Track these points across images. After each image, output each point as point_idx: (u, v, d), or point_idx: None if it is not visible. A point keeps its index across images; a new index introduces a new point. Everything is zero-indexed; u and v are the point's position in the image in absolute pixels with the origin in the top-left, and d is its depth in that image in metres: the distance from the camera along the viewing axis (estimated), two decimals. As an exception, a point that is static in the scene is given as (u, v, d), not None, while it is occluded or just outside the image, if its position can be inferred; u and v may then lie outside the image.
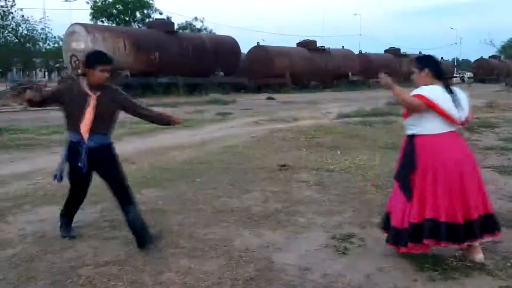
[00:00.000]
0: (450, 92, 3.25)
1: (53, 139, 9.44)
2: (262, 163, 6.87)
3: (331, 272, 3.17)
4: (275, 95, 25.52)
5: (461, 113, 3.23)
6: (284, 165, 6.54)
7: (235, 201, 4.88)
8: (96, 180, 5.70)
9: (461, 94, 3.32)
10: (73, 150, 3.60)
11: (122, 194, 3.68)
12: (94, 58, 3.60)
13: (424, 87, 3.26)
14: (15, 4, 36.62)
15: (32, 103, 3.63)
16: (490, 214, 3.32)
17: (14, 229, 4.01)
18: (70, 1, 47.76)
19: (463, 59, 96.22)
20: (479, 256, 3.32)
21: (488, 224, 3.28)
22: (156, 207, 4.64)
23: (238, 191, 5.27)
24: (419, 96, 3.19)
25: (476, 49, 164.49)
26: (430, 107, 3.17)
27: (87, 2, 41.50)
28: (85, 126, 3.52)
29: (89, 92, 3.52)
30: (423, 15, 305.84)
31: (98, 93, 3.53)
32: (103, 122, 3.60)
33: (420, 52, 55.11)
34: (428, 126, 3.22)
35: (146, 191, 5.27)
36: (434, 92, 3.20)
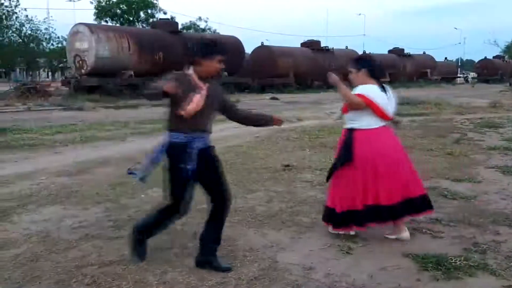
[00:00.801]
0: (384, 90, 3.64)
1: (57, 139, 9.50)
2: (266, 163, 6.87)
3: (334, 272, 3.17)
4: (278, 95, 25.52)
5: (392, 109, 3.67)
6: (288, 165, 6.55)
7: (239, 201, 4.88)
8: (98, 180, 5.76)
9: (391, 92, 3.73)
10: (178, 152, 3.08)
11: (220, 207, 3.25)
12: (214, 47, 3.12)
13: (363, 86, 3.60)
14: (19, 4, 36.68)
15: (160, 96, 2.93)
16: (425, 194, 3.78)
17: (19, 229, 4.03)
18: (74, 1, 47.80)
19: (467, 59, 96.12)
20: (406, 234, 3.73)
21: (424, 203, 3.75)
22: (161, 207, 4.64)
23: (242, 191, 5.27)
24: (360, 95, 3.54)
25: (480, 49, 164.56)
26: (369, 105, 3.53)
27: (91, 2, 41.58)
28: (201, 124, 3.11)
29: (201, 84, 3.07)
30: (427, 15, 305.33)
31: (208, 86, 3.09)
32: (209, 119, 3.17)
33: (424, 52, 55.08)
34: (365, 121, 3.59)
35: (150, 190, 5.28)
36: (372, 91, 3.57)
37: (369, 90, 3.57)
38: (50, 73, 62.07)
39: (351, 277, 3.09)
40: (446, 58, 62.72)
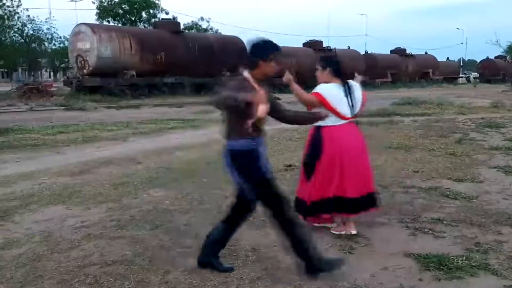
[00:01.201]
0: (348, 89, 3.77)
1: (59, 139, 9.52)
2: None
3: (336, 271, 3.16)
4: (281, 95, 25.45)
5: (352, 109, 3.78)
6: (290, 165, 6.55)
7: (241, 201, 4.88)
8: (101, 180, 5.77)
9: (357, 91, 3.84)
10: (249, 158, 2.95)
11: (244, 215, 3.22)
12: (273, 47, 3.03)
13: (323, 85, 3.78)
14: (21, 4, 36.76)
15: (242, 107, 2.69)
16: (374, 192, 3.99)
17: (21, 229, 4.04)
18: (76, 1, 47.79)
19: (469, 59, 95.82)
20: (354, 230, 3.90)
21: (374, 199, 3.95)
22: (163, 207, 4.66)
23: (243, 191, 5.27)
24: (315, 94, 3.73)
25: (482, 49, 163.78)
26: (322, 103, 3.68)
27: (93, 2, 41.62)
28: (262, 127, 3.01)
29: (259, 87, 2.94)
30: (429, 15, 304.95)
31: (265, 89, 2.97)
32: (263, 122, 3.03)
33: (426, 52, 55.03)
34: (331, 118, 3.67)
35: (152, 191, 5.30)
36: (329, 90, 3.73)
37: (326, 89, 3.75)
38: (52, 73, 62.20)
39: (353, 277, 3.09)
40: (448, 58, 62.67)
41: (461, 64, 73.64)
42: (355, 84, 3.88)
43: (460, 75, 64.76)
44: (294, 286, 2.98)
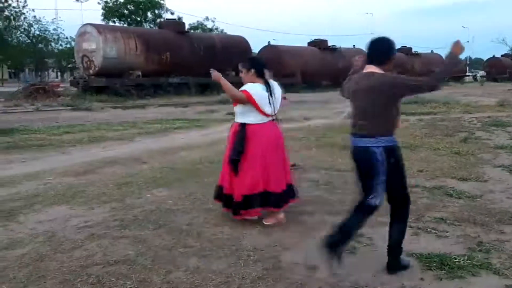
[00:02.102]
0: (269, 88, 4.07)
1: (64, 139, 9.58)
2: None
3: (338, 271, 3.16)
4: (286, 95, 25.43)
5: (272, 108, 4.09)
6: (294, 165, 6.52)
7: (244, 200, 4.89)
8: (105, 180, 5.80)
9: (278, 90, 4.17)
10: (395, 154, 3.04)
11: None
12: (392, 45, 3.12)
13: (250, 84, 4.04)
14: (26, 5, 37.04)
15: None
16: (292, 184, 4.31)
17: (25, 229, 4.07)
18: (81, 1, 47.99)
19: (475, 58, 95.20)
20: (282, 216, 4.18)
21: (294, 191, 4.29)
22: (166, 207, 4.68)
23: (246, 190, 5.28)
24: (243, 91, 3.99)
25: (489, 48, 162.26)
26: (249, 101, 3.95)
27: (99, 3, 41.83)
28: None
29: None
30: (435, 14, 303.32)
31: None
32: None
33: (432, 51, 54.73)
34: (254, 116, 4.02)
35: (156, 190, 5.32)
36: (255, 89, 4.01)
37: (253, 88, 4.02)
38: (59, 74, 62.56)
39: (355, 277, 3.09)
40: (454, 56, 62.16)
41: (468, 62, 73.19)
42: (275, 84, 4.18)
43: (467, 74, 64.35)
44: (296, 286, 2.98)
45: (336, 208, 4.59)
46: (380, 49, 3.09)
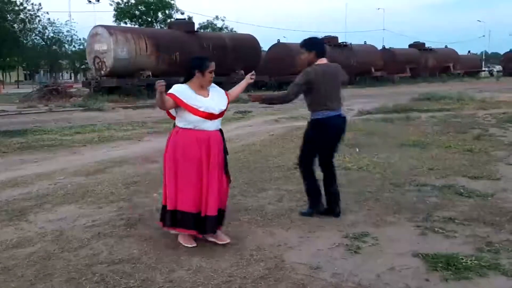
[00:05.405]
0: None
1: (76, 139, 9.67)
2: (279, 161, 6.87)
3: (341, 271, 3.14)
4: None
5: (212, 109, 3.62)
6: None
7: (250, 200, 4.89)
8: (114, 180, 5.84)
9: (219, 91, 3.85)
10: None
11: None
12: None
13: (177, 85, 3.73)
14: (41, 8, 37.61)
15: None
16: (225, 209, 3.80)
17: (34, 228, 4.13)
18: (94, 3, 48.47)
19: (492, 52, 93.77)
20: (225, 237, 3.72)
21: (222, 217, 3.76)
22: (172, 206, 4.69)
23: (253, 189, 5.28)
24: (169, 94, 3.62)
25: (507, 42, 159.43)
26: (177, 103, 3.60)
27: (111, 4, 42.23)
28: None
29: None
30: (448, 8, 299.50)
31: None
32: None
33: (446, 46, 54.05)
34: (187, 120, 3.60)
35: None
36: (181, 91, 3.67)
37: (179, 89, 3.69)
38: (73, 75, 63.31)
39: (358, 277, 3.06)
40: (469, 51, 61.38)
41: (484, 57, 72.13)
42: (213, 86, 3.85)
43: (483, 69, 63.43)
44: (297, 286, 2.97)
45: (341, 206, 4.55)
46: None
